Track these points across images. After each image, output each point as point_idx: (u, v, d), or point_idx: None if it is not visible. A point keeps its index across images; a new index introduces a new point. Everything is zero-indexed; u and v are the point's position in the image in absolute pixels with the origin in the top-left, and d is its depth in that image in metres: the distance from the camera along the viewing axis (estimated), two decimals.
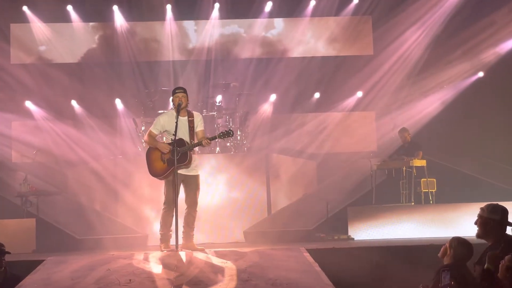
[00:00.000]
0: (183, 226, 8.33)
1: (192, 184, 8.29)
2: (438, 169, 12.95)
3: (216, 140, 12.85)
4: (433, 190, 12.20)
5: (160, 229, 8.41)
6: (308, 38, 15.81)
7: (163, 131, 8.37)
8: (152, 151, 8.33)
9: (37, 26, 15.09)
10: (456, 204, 11.31)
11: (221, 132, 8.25)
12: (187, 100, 8.33)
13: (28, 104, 14.59)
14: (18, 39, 15.22)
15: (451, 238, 5.29)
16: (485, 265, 4.70)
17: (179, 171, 8.06)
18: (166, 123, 8.28)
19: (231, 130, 8.31)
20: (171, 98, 8.51)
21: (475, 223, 5.27)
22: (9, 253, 7.26)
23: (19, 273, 7.31)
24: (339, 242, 10.34)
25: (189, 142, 8.11)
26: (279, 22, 15.76)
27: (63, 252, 9.58)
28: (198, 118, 8.37)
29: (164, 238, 8.37)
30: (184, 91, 8.36)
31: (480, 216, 5.26)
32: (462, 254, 5.18)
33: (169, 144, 8.15)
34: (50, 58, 15.26)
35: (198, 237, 9.31)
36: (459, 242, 5.22)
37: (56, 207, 11.86)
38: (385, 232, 11.04)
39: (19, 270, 7.43)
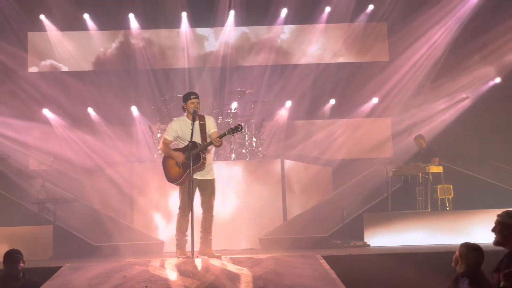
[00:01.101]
0: (200, 231, 8.31)
1: (208, 189, 8.29)
2: (455, 175, 12.89)
3: (232, 147, 13.05)
4: (450, 197, 12.14)
5: (176, 235, 8.41)
6: (323, 45, 15.81)
7: (176, 137, 8.38)
8: (167, 158, 8.34)
9: (54, 34, 15.21)
10: (473, 211, 11.25)
11: (231, 128, 8.19)
12: (199, 107, 8.34)
13: (45, 111, 14.70)
14: (35, 47, 15.34)
15: (459, 246, 5.26)
16: (501, 284, 4.68)
17: (194, 176, 8.05)
18: (179, 129, 8.29)
19: (239, 125, 8.22)
20: (184, 104, 8.43)
21: (493, 230, 5.22)
22: (23, 262, 7.18)
23: (37, 279, 7.32)
24: (355, 249, 10.30)
25: (201, 144, 8.11)
26: (294, 29, 15.78)
27: (79, 259, 9.62)
28: (210, 121, 8.35)
29: (180, 243, 8.37)
30: (198, 97, 8.38)
31: (498, 222, 5.21)
32: (474, 258, 5.15)
33: (183, 148, 8.17)
34: (67, 66, 15.37)
35: (214, 243, 9.29)
36: (468, 248, 5.19)
37: (73, 214, 11.90)
38: (402, 238, 10.99)
39: (37, 277, 7.46)
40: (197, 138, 8.12)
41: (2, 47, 14.59)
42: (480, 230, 10.41)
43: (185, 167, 8.10)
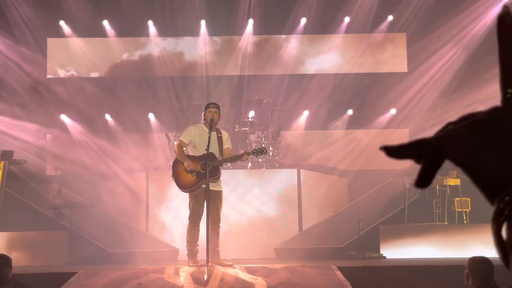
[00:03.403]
0: (209, 243, 8.29)
1: (216, 200, 8.26)
2: (473, 188, 12.52)
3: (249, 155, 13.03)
4: (467, 210, 12.05)
5: (187, 245, 8.40)
6: (342, 55, 15.79)
7: (191, 142, 8.38)
8: (180, 162, 8.34)
9: (73, 40, 15.30)
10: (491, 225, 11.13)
11: (255, 149, 8.25)
12: (219, 117, 8.36)
13: (63, 117, 14.78)
14: (54, 53, 15.44)
15: (467, 261, 5.20)
16: None
17: (204, 186, 8.03)
18: (196, 135, 8.30)
19: (264, 148, 8.30)
20: (203, 113, 8.51)
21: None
22: (9, 267, 6.88)
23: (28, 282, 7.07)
24: (371, 261, 10.25)
25: (218, 158, 8.11)
26: (313, 38, 15.76)
27: (94, 265, 9.64)
28: (226, 136, 8.39)
29: (191, 253, 8.36)
30: (218, 107, 8.39)
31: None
32: (484, 271, 5.08)
33: (199, 157, 8.16)
34: (85, 72, 15.46)
35: (229, 252, 9.30)
36: (476, 261, 5.13)
37: (88, 220, 11.94)
38: (418, 251, 10.92)
39: (52, 282, 7.46)
40: (214, 150, 8.12)
41: (22, 52, 14.71)
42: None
43: (199, 176, 8.09)
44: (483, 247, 10.60)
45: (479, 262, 5.10)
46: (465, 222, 11.92)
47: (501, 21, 0.76)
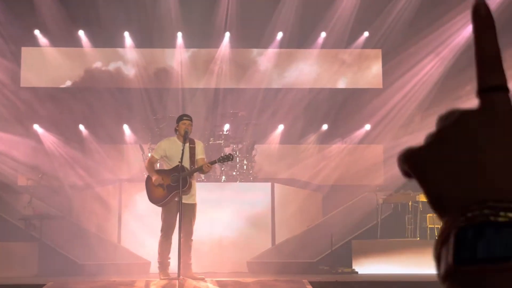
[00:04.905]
0: (180, 256, 8.22)
1: (189, 213, 8.17)
2: None
3: (222, 169, 12.99)
4: (440, 226, 12.07)
5: (158, 257, 8.35)
6: (318, 70, 15.84)
7: (163, 157, 8.34)
8: (151, 178, 8.30)
9: (48, 50, 15.18)
10: None
11: (221, 156, 8.21)
12: (192, 129, 8.32)
13: (36, 127, 14.63)
14: (28, 63, 15.30)
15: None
16: None
17: (177, 199, 7.98)
18: (168, 149, 8.25)
19: (231, 154, 8.26)
20: (176, 125, 8.43)
21: None
22: None
23: None
24: (343, 276, 10.24)
25: (189, 169, 8.06)
26: (289, 53, 15.80)
27: (64, 277, 9.51)
28: (199, 146, 8.33)
29: (162, 266, 8.30)
30: (191, 119, 8.35)
31: None
32: None
33: (169, 170, 8.13)
34: (60, 82, 15.33)
35: (201, 265, 9.22)
36: None
37: (59, 231, 11.80)
38: (390, 266, 10.94)
39: None
40: (186, 161, 8.07)
41: None
42: None
43: (170, 189, 8.05)
44: None
45: None
46: (436, 238, 11.93)
47: (476, 12, 0.71)
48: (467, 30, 14.55)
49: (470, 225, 0.64)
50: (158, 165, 9.36)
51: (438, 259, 0.68)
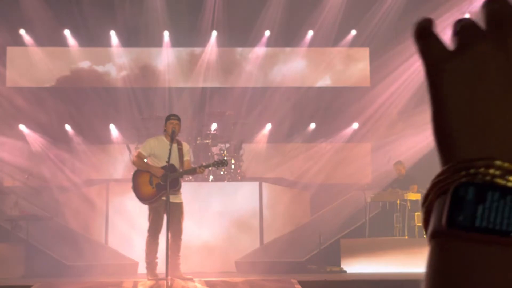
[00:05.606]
0: (169, 256, 8.17)
1: (177, 212, 8.13)
2: None
3: (210, 168, 12.94)
4: None
5: (146, 258, 8.30)
6: (305, 68, 15.82)
7: (151, 155, 8.29)
8: (140, 173, 8.23)
9: (34, 49, 15.07)
10: None
11: (215, 161, 8.20)
12: (180, 128, 8.28)
13: (22, 127, 14.53)
14: (14, 62, 15.19)
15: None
16: None
17: (164, 198, 7.93)
18: (156, 147, 8.21)
19: (225, 160, 8.25)
20: (164, 125, 8.40)
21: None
22: None
23: None
24: (331, 275, 10.22)
25: (178, 169, 8.03)
26: (276, 51, 15.77)
27: (51, 278, 9.46)
28: (186, 148, 8.32)
29: (150, 266, 8.26)
30: (179, 119, 8.31)
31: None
32: None
33: (162, 168, 8.07)
34: (46, 81, 15.23)
35: (189, 265, 9.18)
36: None
37: (46, 232, 11.72)
38: (378, 265, 10.93)
39: None
40: (175, 162, 8.03)
41: None
42: None
43: (159, 188, 8.00)
44: None
45: None
46: (425, 236, 11.90)
47: (420, 35, 0.61)
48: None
49: (472, 184, 0.54)
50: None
51: (428, 211, 0.59)
